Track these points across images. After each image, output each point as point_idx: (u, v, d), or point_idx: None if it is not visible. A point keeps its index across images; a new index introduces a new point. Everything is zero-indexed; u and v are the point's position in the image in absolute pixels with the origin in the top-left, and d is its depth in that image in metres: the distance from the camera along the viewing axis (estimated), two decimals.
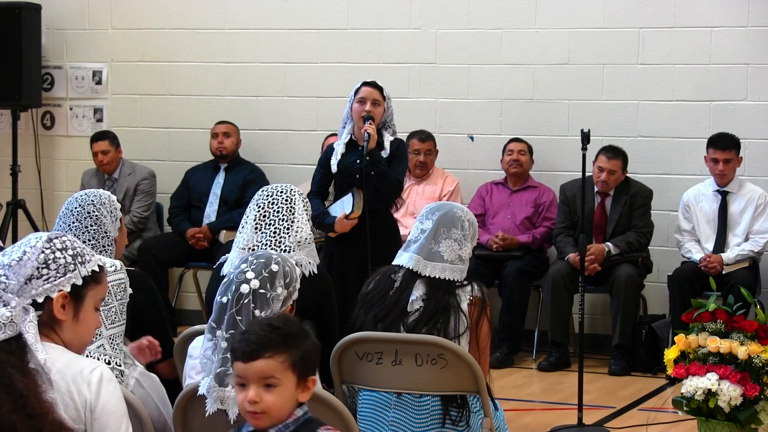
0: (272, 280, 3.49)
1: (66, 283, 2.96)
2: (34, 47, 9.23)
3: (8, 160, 9.48)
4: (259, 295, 3.46)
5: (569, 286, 7.91)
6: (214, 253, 8.33)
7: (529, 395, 7.27)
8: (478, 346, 4.27)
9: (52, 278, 2.94)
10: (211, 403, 3.42)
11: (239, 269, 3.50)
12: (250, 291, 3.46)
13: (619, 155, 8.04)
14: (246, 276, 3.47)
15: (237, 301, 3.45)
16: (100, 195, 4.28)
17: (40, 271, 2.92)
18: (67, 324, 2.98)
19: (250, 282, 3.46)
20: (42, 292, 2.93)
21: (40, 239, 2.97)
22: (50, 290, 2.93)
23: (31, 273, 2.91)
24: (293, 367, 2.92)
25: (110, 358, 3.86)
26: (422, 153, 8.51)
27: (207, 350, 3.48)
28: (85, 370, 2.92)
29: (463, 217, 4.39)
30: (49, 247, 2.95)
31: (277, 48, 9.23)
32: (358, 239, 6.44)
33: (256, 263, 3.51)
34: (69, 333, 2.99)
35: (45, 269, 2.93)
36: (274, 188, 4.65)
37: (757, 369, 4.99)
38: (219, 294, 3.51)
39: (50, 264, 2.93)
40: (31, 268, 2.91)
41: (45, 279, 2.93)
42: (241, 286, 3.46)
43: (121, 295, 4.00)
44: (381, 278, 4.39)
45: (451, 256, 4.32)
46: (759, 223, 7.83)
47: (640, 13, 8.37)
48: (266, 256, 3.56)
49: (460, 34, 8.78)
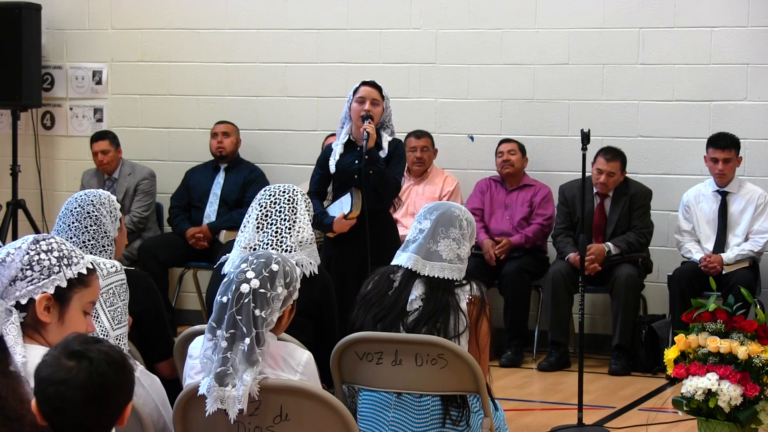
0: (272, 280, 3.49)
1: (50, 285, 2.93)
2: (34, 47, 9.23)
3: (8, 160, 9.48)
4: (260, 295, 3.47)
5: (569, 286, 7.91)
6: (214, 253, 8.33)
7: (529, 395, 7.27)
8: (477, 345, 4.28)
9: (36, 280, 2.92)
10: (211, 403, 3.43)
11: (239, 269, 3.51)
12: (251, 290, 3.46)
13: (617, 157, 8.04)
14: (246, 275, 3.48)
15: (237, 301, 3.45)
16: (100, 195, 4.28)
17: (24, 272, 2.91)
18: (52, 326, 2.96)
19: (250, 281, 3.47)
20: (25, 294, 2.91)
21: (26, 241, 2.95)
22: (33, 292, 2.91)
23: (15, 274, 2.90)
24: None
25: None
26: (418, 149, 8.51)
27: (207, 350, 3.49)
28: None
29: (462, 216, 4.39)
30: (34, 249, 2.94)
31: (277, 48, 9.23)
32: (357, 239, 6.44)
33: (256, 263, 3.51)
34: (54, 335, 2.96)
35: (29, 271, 2.91)
36: (277, 188, 4.65)
37: (757, 369, 4.99)
38: (219, 294, 3.51)
39: (34, 266, 2.92)
40: (15, 270, 2.90)
41: (29, 281, 2.91)
42: (242, 285, 3.46)
43: (124, 295, 4.00)
44: (380, 278, 4.39)
45: (450, 256, 4.33)
46: (759, 223, 7.83)
47: (640, 13, 8.37)
48: (266, 256, 3.56)
49: (460, 34, 8.78)
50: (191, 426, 3.57)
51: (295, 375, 3.54)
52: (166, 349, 4.31)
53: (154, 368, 4.25)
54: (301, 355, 3.60)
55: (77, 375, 2.36)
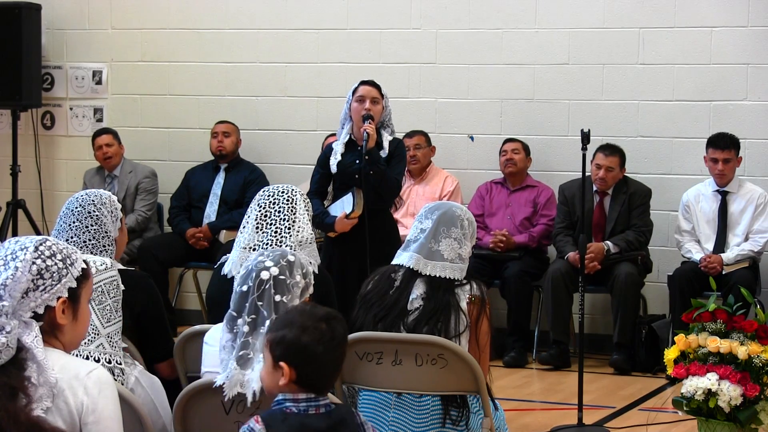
0: (291, 269, 3.56)
1: (63, 289, 2.91)
2: (34, 47, 9.23)
3: (8, 160, 9.48)
4: (280, 281, 3.52)
5: (569, 285, 7.91)
6: (214, 253, 8.33)
7: (529, 395, 7.27)
8: (477, 344, 4.28)
9: (49, 287, 2.88)
10: (230, 387, 3.43)
11: (257, 260, 3.56)
12: (271, 277, 3.51)
13: (616, 152, 8.05)
14: (265, 264, 3.52)
15: (258, 287, 3.50)
16: (101, 195, 4.29)
17: (36, 282, 2.86)
18: (68, 326, 2.95)
19: (270, 269, 3.51)
20: (41, 303, 2.87)
21: (26, 250, 2.88)
22: (49, 299, 2.88)
23: (26, 287, 2.85)
24: (270, 346, 3.13)
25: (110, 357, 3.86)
26: (411, 147, 8.48)
27: (227, 341, 3.50)
28: (81, 374, 2.88)
29: (463, 216, 4.40)
30: (39, 256, 2.88)
31: (277, 48, 9.24)
32: (358, 239, 6.44)
33: (273, 254, 3.57)
34: (69, 335, 2.96)
35: (40, 280, 2.87)
36: (276, 188, 4.66)
37: (757, 369, 4.99)
38: (238, 285, 3.55)
39: (44, 274, 2.87)
40: (26, 282, 2.84)
41: (42, 289, 2.87)
42: (262, 272, 3.51)
43: (114, 292, 3.98)
44: (380, 278, 4.40)
45: (451, 255, 4.33)
46: (759, 222, 7.84)
47: (640, 13, 8.37)
48: (281, 250, 3.65)
49: (460, 34, 8.78)
50: (191, 426, 3.57)
51: None
52: (166, 349, 4.31)
53: (154, 368, 4.26)
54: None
55: (336, 332, 3.13)
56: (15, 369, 2.74)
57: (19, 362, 2.76)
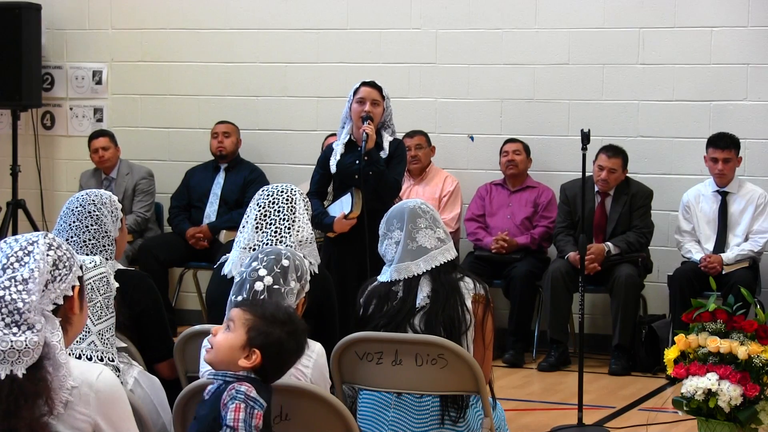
0: (284, 275, 3.56)
1: (74, 278, 2.83)
2: (34, 47, 9.23)
3: (8, 160, 9.48)
4: (274, 291, 3.53)
5: (569, 285, 7.91)
6: (214, 253, 8.33)
7: (529, 395, 7.27)
8: (483, 343, 4.31)
9: (65, 276, 2.79)
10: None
11: (251, 268, 3.56)
12: (265, 288, 3.51)
13: (619, 154, 8.04)
14: (259, 273, 3.53)
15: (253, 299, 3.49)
16: (101, 195, 4.29)
17: (53, 273, 2.78)
18: (76, 317, 2.85)
19: (263, 279, 3.52)
20: (60, 294, 2.78)
21: (36, 244, 2.80)
22: (66, 289, 2.79)
23: (47, 278, 2.76)
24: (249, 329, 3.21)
25: (102, 354, 3.84)
26: (412, 148, 8.48)
27: None
28: (91, 378, 2.76)
29: (416, 206, 4.46)
30: (50, 247, 2.80)
31: (277, 48, 9.24)
32: (358, 239, 6.44)
33: (267, 260, 3.56)
34: (77, 325, 2.87)
35: (56, 270, 2.79)
36: (275, 188, 4.66)
37: (757, 369, 4.99)
38: (233, 294, 3.55)
39: (58, 264, 2.79)
40: (47, 274, 2.76)
41: (60, 280, 2.79)
42: (255, 283, 3.52)
43: (105, 289, 3.95)
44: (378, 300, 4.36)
45: (433, 243, 4.39)
46: (759, 223, 7.84)
47: (640, 13, 8.37)
48: (276, 252, 3.62)
49: (460, 34, 8.78)
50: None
51: (309, 361, 3.63)
52: (166, 349, 4.31)
53: (154, 369, 4.26)
54: (313, 343, 3.69)
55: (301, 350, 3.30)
56: (37, 371, 2.66)
57: (41, 365, 2.67)
